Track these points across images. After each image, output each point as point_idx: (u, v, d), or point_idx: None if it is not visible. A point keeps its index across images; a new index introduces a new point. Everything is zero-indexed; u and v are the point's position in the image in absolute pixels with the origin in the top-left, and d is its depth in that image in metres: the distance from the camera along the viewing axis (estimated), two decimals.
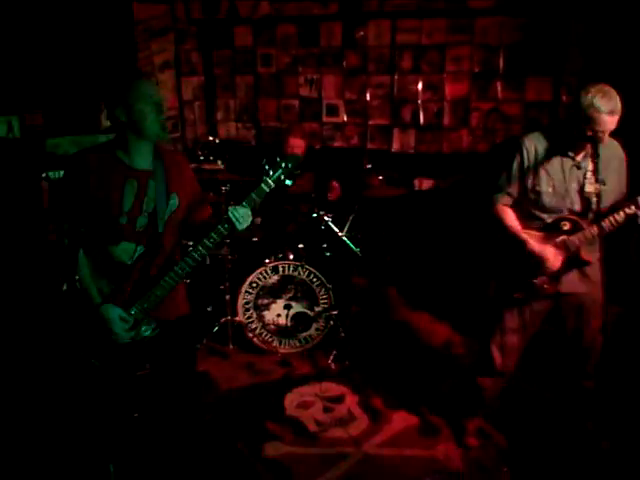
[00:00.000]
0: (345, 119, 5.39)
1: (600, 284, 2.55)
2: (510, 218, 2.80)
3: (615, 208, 2.63)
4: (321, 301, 4.10)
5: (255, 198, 2.27)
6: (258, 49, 5.54)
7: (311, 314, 4.11)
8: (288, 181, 2.29)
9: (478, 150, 4.97)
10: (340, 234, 4.26)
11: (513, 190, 2.78)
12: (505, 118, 4.85)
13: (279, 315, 4.12)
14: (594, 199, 2.59)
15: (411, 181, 5.15)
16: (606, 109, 2.46)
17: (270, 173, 2.26)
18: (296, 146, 4.38)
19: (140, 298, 2.30)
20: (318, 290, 4.08)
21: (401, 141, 5.23)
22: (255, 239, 4.25)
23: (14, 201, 4.02)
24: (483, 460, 3.03)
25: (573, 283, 2.77)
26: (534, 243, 2.72)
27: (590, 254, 2.71)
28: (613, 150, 2.69)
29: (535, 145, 2.70)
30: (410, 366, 3.90)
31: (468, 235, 4.51)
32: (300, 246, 4.15)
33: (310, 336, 4.14)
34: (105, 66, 4.61)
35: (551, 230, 2.73)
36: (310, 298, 4.11)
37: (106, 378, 2.36)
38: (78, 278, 2.28)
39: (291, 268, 4.06)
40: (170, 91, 5.44)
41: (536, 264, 2.72)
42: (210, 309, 4.29)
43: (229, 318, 4.11)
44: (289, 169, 2.26)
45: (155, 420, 2.56)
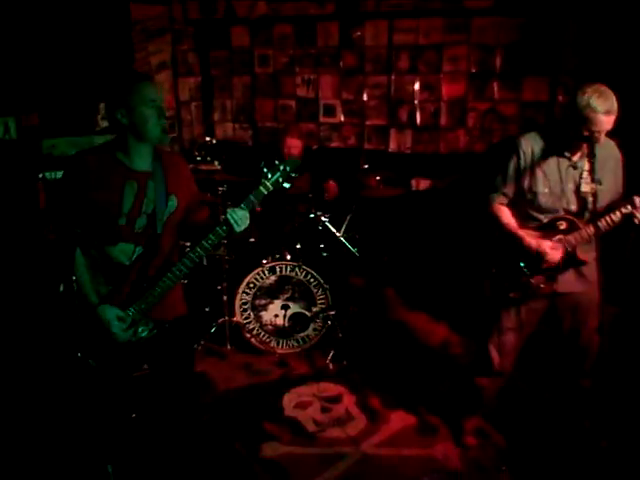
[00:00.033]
0: (342, 119, 5.40)
1: (596, 284, 2.56)
2: (506, 216, 2.81)
3: (611, 208, 2.64)
4: (318, 301, 4.10)
5: (253, 200, 2.28)
6: (255, 49, 5.54)
7: (309, 314, 4.11)
8: (286, 184, 2.29)
9: (475, 150, 4.98)
10: (337, 234, 4.27)
11: (509, 190, 2.79)
12: (502, 118, 4.86)
13: (277, 315, 4.12)
14: (590, 199, 2.60)
15: (408, 181, 5.15)
16: (602, 109, 2.46)
17: (269, 176, 2.27)
18: (293, 146, 4.38)
19: (138, 299, 2.29)
20: (315, 290, 4.08)
21: (398, 141, 5.24)
22: (252, 240, 4.25)
23: (11, 202, 4.02)
24: (481, 459, 3.04)
25: (569, 283, 2.78)
26: (530, 239, 2.72)
27: (586, 254, 2.71)
28: (609, 150, 2.70)
29: (531, 145, 2.71)
30: (408, 366, 3.91)
31: (465, 235, 4.52)
32: (297, 246, 4.15)
33: (308, 336, 4.14)
34: (102, 67, 4.61)
35: (547, 230, 2.73)
36: (307, 298, 4.11)
37: (104, 379, 2.36)
38: (75, 279, 2.28)
39: (288, 268, 4.06)
40: (167, 92, 5.44)
41: (535, 259, 2.72)
42: (208, 310, 4.29)
43: (227, 319, 4.11)
44: (287, 172, 2.27)
45: (153, 421, 2.56)
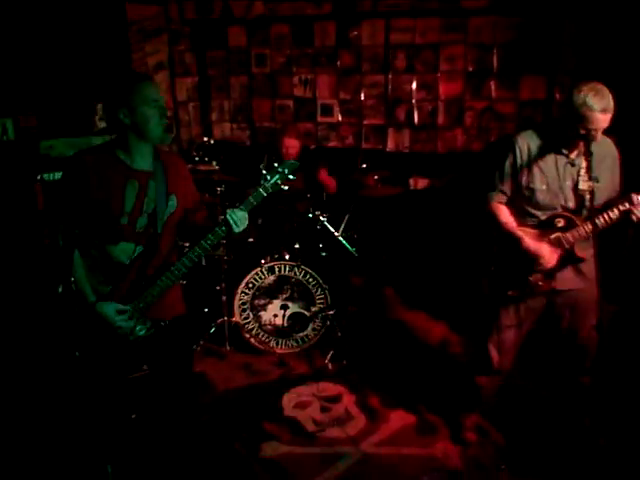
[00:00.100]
0: (340, 119, 5.40)
1: (595, 281, 2.56)
2: (505, 215, 2.81)
3: (609, 205, 2.64)
4: (317, 301, 4.10)
5: (252, 202, 2.30)
6: (252, 49, 5.54)
7: (308, 314, 4.12)
8: (285, 186, 2.31)
9: (472, 149, 4.98)
10: (336, 234, 4.27)
11: (507, 188, 2.79)
12: (499, 117, 4.86)
13: (276, 315, 4.12)
14: (587, 196, 2.60)
15: (406, 180, 5.16)
16: (599, 107, 2.46)
17: (268, 178, 2.29)
18: (291, 146, 4.38)
19: (136, 298, 2.30)
20: (314, 290, 4.08)
21: (396, 140, 5.24)
22: (251, 240, 4.25)
23: (9, 203, 4.02)
24: (481, 458, 3.04)
25: (568, 280, 2.78)
26: (529, 240, 2.72)
27: (584, 251, 2.72)
28: (606, 147, 2.70)
29: (528, 143, 2.71)
30: (407, 365, 3.91)
31: (463, 234, 4.52)
32: (296, 246, 4.15)
33: (307, 336, 4.14)
34: (99, 68, 4.60)
35: (545, 227, 2.73)
36: (306, 298, 4.11)
37: (103, 379, 2.36)
38: (74, 280, 2.28)
39: (287, 268, 4.06)
40: (164, 92, 5.44)
41: (531, 261, 2.72)
42: (207, 310, 4.29)
43: (226, 319, 4.11)
44: (286, 175, 2.29)
45: (153, 421, 2.56)
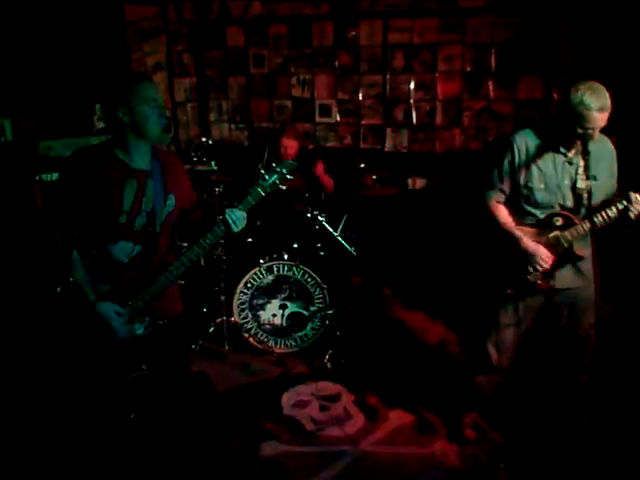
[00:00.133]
0: (338, 119, 5.40)
1: (593, 279, 2.57)
2: (503, 215, 2.81)
3: (607, 203, 2.64)
4: (316, 301, 4.10)
5: (251, 201, 2.31)
6: (250, 50, 5.54)
7: (306, 314, 4.12)
8: (283, 186, 2.36)
9: (471, 149, 4.99)
10: (334, 234, 4.27)
11: (505, 187, 2.80)
12: (497, 117, 4.87)
13: (274, 315, 4.13)
14: (586, 195, 2.61)
15: (404, 180, 5.16)
16: (595, 106, 2.47)
17: (266, 177, 2.30)
18: (289, 147, 4.37)
19: (135, 297, 2.30)
20: (313, 290, 4.09)
21: (394, 140, 5.25)
22: (250, 239, 4.25)
23: (7, 204, 4.02)
24: (479, 457, 3.05)
25: (567, 279, 2.79)
26: (528, 240, 2.72)
27: (582, 250, 2.72)
28: (604, 146, 2.71)
29: (526, 142, 2.71)
30: (405, 364, 3.91)
31: (462, 233, 4.53)
32: (295, 246, 4.16)
33: (306, 336, 4.15)
34: (98, 68, 4.61)
35: (544, 226, 2.74)
36: (305, 298, 4.11)
37: (102, 378, 2.36)
38: (72, 280, 2.28)
39: (286, 268, 4.07)
40: (162, 92, 5.44)
41: (529, 261, 2.73)
42: (205, 310, 4.29)
43: (224, 319, 4.11)
44: (284, 174, 2.31)
45: (151, 420, 2.56)
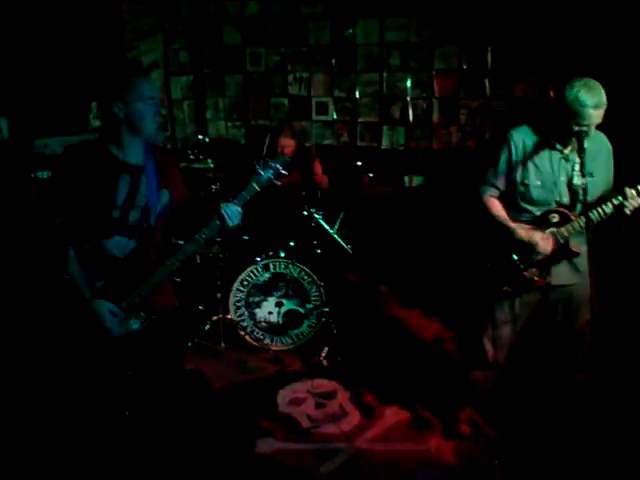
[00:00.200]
0: (335, 117, 5.41)
1: (588, 276, 2.58)
2: (497, 208, 2.82)
3: (603, 199, 2.65)
4: (312, 298, 4.10)
5: (246, 196, 2.34)
6: (247, 48, 5.54)
7: (302, 311, 4.12)
8: (277, 181, 2.41)
9: (467, 146, 4.99)
10: (331, 231, 4.27)
11: (500, 183, 2.80)
12: (493, 115, 4.88)
13: (271, 313, 4.13)
14: (581, 191, 2.60)
15: (401, 178, 5.17)
16: (591, 103, 2.47)
17: (261, 173, 2.33)
18: (286, 145, 4.38)
19: (131, 292, 2.31)
20: (309, 287, 4.09)
21: (390, 138, 5.25)
22: (246, 237, 4.25)
23: (3, 202, 4.01)
24: (475, 453, 3.05)
25: (563, 275, 2.79)
26: (522, 231, 2.73)
27: (579, 246, 2.73)
28: (600, 142, 2.71)
29: (522, 138, 2.72)
30: (401, 362, 3.92)
31: (458, 230, 4.53)
32: (291, 244, 4.16)
33: (302, 333, 4.15)
34: (94, 66, 4.60)
35: (540, 223, 2.74)
36: (301, 295, 4.12)
37: (96, 375, 2.36)
38: (68, 277, 2.29)
39: (282, 266, 4.07)
40: (159, 91, 5.42)
41: (527, 251, 2.73)
42: (202, 307, 4.28)
43: (221, 316, 4.11)
44: (278, 170, 2.35)
45: (147, 418, 2.56)
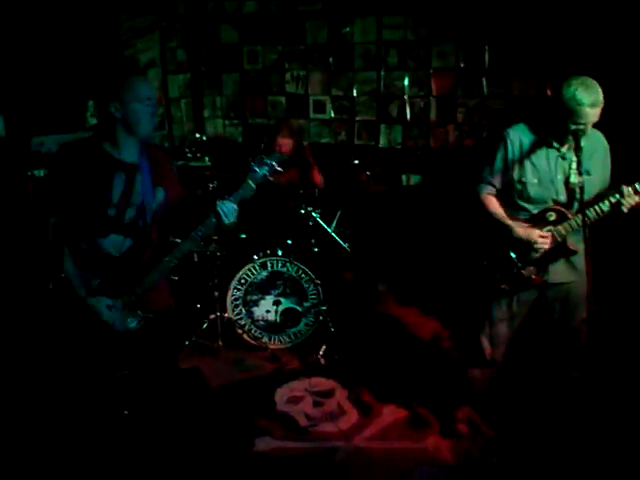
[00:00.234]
0: (332, 115, 5.40)
1: (586, 274, 2.58)
2: (494, 206, 2.82)
3: (600, 197, 2.65)
4: (310, 296, 4.10)
5: (242, 193, 2.34)
6: (244, 46, 5.53)
7: (300, 310, 4.12)
8: (271, 178, 2.42)
9: (465, 145, 4.99)
10: (328, 230, 4.27)
11: (496, 181, 2.80)
12: (491, 113, 4.88)
13: (268, 311, 4.13)
14: (579, 189, 2.61)
15: (398, 176, 5.17)
16: (588, 102, 2.47)
17: (256, 170, 2.33)
18: (284, 144, 4.37)
19: (127, 290, 2.31)
20: (307, 286, 4.09)
21: (388, 137, 5.25)
22: (243, 235, 4.25)
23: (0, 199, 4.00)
24: (472, 451, 3.05)
25: (560, 273, 2.80)
26: (519, 228, 2.73)
27: (576, 244, 2.73)
28: (597, 140, 2.72)
29: (519, 136, 2.72)
30: (399, 360, 3.92)
31: (455, 229, 4.53)
32: (288, 242, 4.16)
33: (299, 331, 4.15)
34: (91, 65, 4.59)
35: (537, 221, 2.74)
36: (299, 294, 4.11)
37: (94, 374, 2.36)
38: (64, 275, 2.28)
39: (280, 264, 4.07)
40: (156, 89, 5.42)
41: (525, 249, 2.73)
42: (199, 306, 4.28)
43: (218, 315, 4.11)
44: (274, 167, 2.35)
45: (144, 416, 2.55)
